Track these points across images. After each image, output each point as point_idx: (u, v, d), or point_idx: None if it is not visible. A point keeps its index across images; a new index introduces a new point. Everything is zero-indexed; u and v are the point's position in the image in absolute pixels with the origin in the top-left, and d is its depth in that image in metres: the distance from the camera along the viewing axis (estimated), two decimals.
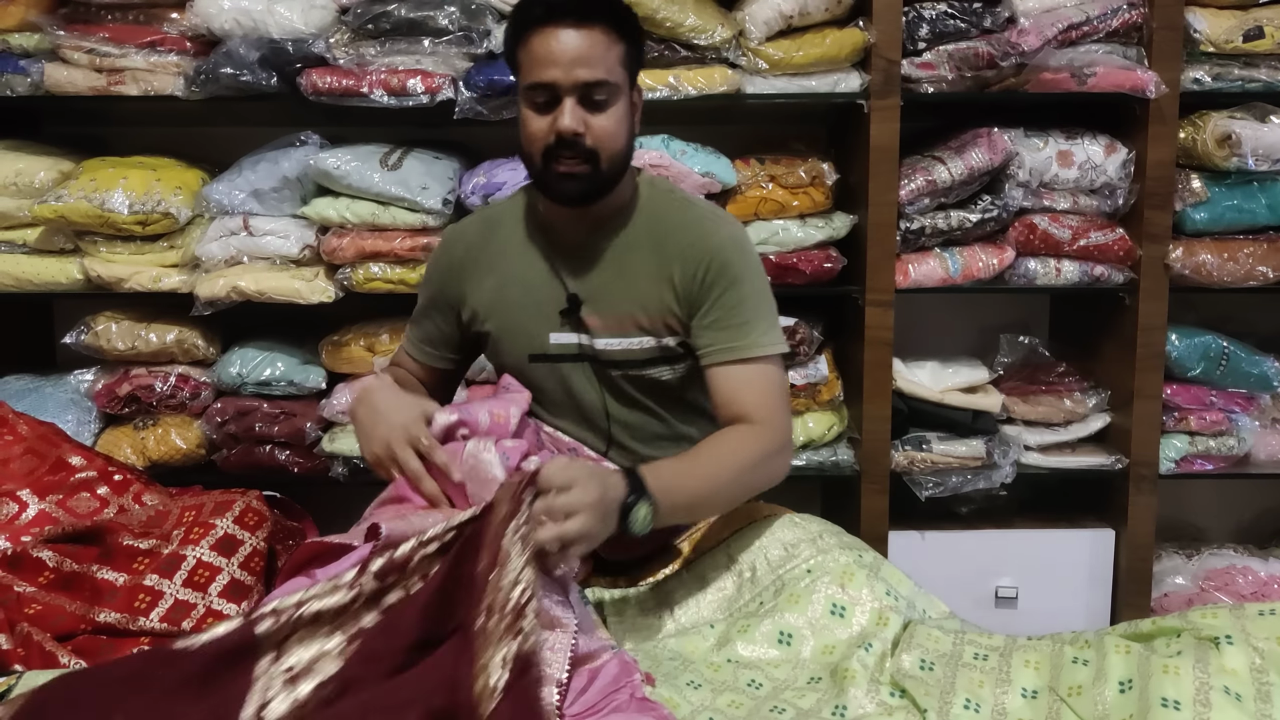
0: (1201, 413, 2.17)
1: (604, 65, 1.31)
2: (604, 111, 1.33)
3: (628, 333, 1.42)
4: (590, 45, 1.30)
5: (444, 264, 1.52)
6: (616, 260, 1.43)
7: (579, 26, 1.30)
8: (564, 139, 1.31)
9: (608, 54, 1.32)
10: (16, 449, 1.57)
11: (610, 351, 1.42)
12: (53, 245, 2.06)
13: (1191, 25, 2.04)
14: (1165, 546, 2.33)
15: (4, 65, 2.01)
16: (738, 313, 1.39)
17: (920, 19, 2.01)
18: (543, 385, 1.46)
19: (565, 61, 1.29)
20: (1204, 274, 2.10)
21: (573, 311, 1.42)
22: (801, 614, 1.22)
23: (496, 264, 1.48)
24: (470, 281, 1.49)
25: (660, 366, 1.44)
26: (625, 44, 1.35)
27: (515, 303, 1.46)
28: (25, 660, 1.26)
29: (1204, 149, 2.07)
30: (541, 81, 1.31)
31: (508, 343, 1.47)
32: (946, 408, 2.14)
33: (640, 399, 1.46)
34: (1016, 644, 1.16)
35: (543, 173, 1.36)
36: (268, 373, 2.05)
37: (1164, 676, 1.00)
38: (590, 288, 1.43)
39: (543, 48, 1.30)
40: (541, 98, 1.32)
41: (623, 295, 1.42)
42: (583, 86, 1.31)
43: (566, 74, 1.30)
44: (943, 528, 2.19)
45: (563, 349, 1.44)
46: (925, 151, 2.11)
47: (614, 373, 1.44)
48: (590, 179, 1.35)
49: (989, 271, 2.09)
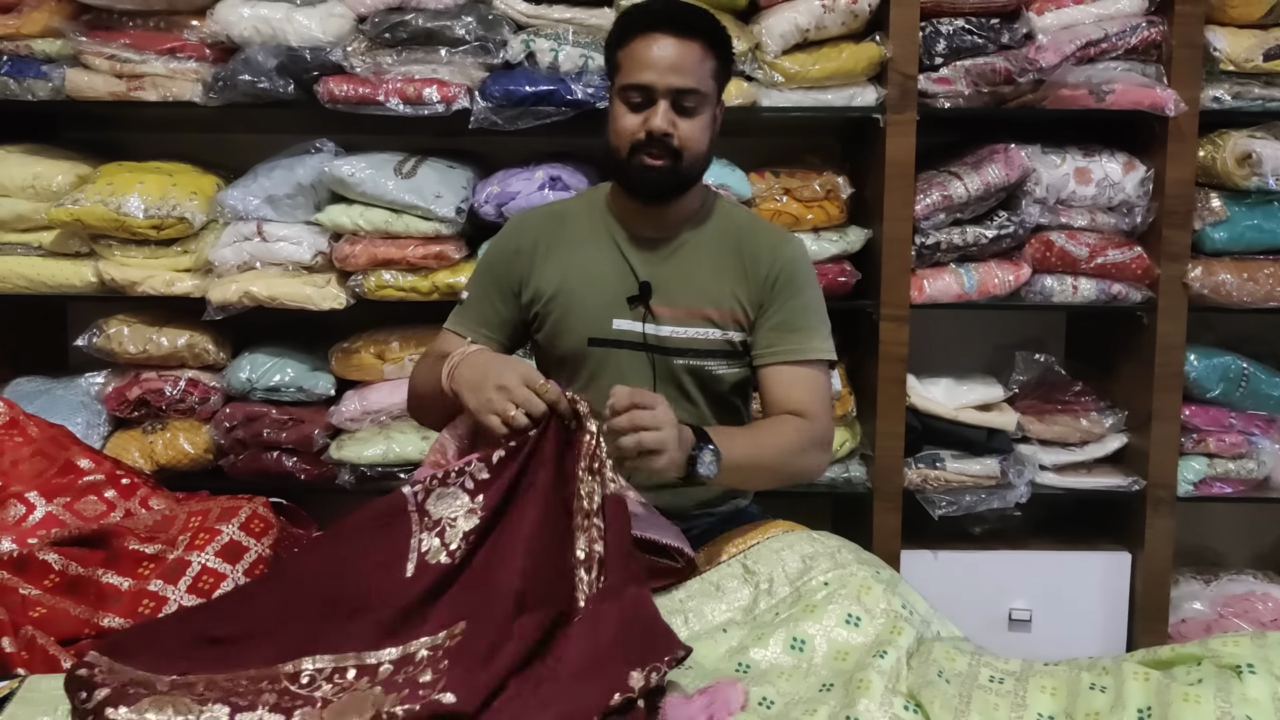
0: (1221, 434, 2.15)
1: (697, 75, 1.42)
2: (692, 118, 1.43)
3: (696, 323, 1.51)
4: (687, 55, 1.42)
5: (511, 247, 1.57)
6: (691, 255, 1.53)
7: (679, 37, 1.41)
8: (653, 136, 1.42)
9: (701, 66, 1.43)
10: (26, 451, 1.56)
11: (676, 339, 1.50)
12: (68, 248, 2.07)
13: (1211, 43, 2.03)
14: (1183, 571, 2.30)
15: (26, 70, 2.02)
16: (800, 318, 1.52)
17: (937, 34, 2.01)
18: (596, 372, 1.52)
19: (663, 67, 1.41)
20: (1223, 294, 2.07)
21: (643, 298, 1.50)
22: (816, 623, 1.20)
23: (564, 250, 1.54)
24: (536, 265, 1.54)
25: (719, 360, 1.52)
26: (717, 60, 1.46)
27: (581, 286, 1.52)
28: (28, 664, 1.25)
29: (1224, 168, 2.05)
30: (639, 83, 1.42)
31: (569, 324, 1.52)
32: (961, 425, 2.12)
33: (692, 393, 1.52)
34: (1033, 669, 1.13)
35: (627, 164, 1.45)
36: (277, 378, 2.05)
37: (1184, 705, 0.97)
38: (662, 278, 1.51)
39: (644, 52, 1.42)
40: (637, 97, 1.43)
41: (695, 288, 1.51)
42: (676, 92, 1.42)
43: (663, 78, 1.41)
44: (956, 548, 2.16)
45: (624, 335, 1.51)
46: (941, 167, 2.10)
47: (676, 361, 1.51)
48: (671, 173, 1.45)
49: (1005, 288, 2.08)
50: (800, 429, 1.47)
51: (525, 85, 1.94)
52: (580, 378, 1.53)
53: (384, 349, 2.06)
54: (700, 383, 1.53)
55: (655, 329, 1.50)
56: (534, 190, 1.98)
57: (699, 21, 1.45)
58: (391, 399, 2.04)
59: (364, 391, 2.07)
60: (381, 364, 2.06)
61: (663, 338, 1.51)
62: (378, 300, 2.03)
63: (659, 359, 1.51)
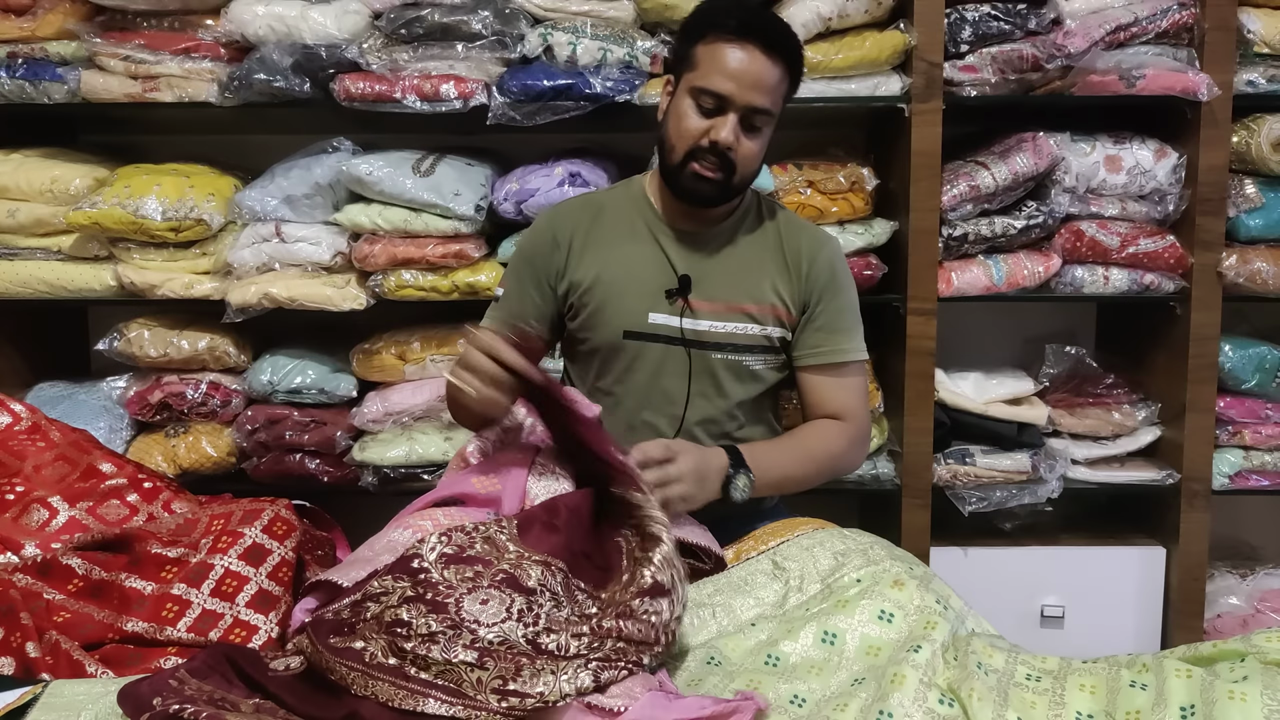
0: (1256, 426, 2.11)
1: (774, 97, 1.41)
2: (757, 136, 1.43)
3: (735, 318, 1.50)
4: (770, 75, 1.40)
5: (548, 238, 1.55)
6: (731, 250, 1.52)
7: (767, 54, 1.39)
8: (715, 147, 1.40)
9: (779, 87, 1.42)
10: (48, 455, 1.56)
11: (714, 334, 1.50)
12: (87, 252, 2.07)
13: (1245, 25, 1.98)
14: (1218, 565, 2.26)
15: (42, 73, 2.02)
16: (841, 319, 1.53)
17: (963, 21, 1.97)
18: (630, 365, 1.52)
19: (746, 82, 1.38)
20: (1259, 282, 2.03)
21: (681, 292, 1.49)
22: (849, 618, 1.19)
23: (602, 242, 1.53)
24: (574, 255, 1.53)
25: (757, 355, 1.52)
26: (790, 84, 1.45)
27: (619, 279, 1.51)
28: (53, 669, 1.24)
29: (1258, 153, 2.01)
30: (718, 91, 1.39)
31: (605, 317, 1.51)
32: (990, 420, 2.09)
33: (726, 388, 1.52)
34: (1071, 667, 1.11)
35: (680, 167, 1.44)
36: (298, 380, 2.04)
37: (1229, 703, 0.94)
38: (701, 272, 1.50)
39: (728, 59, 1.38)
40: (710, 103, 1.41)
41: (735, 283, 1.50)
42: (750, 110, 1.40)
43: (742, 94, 1.39)
44: (986, 544, 2.14)
45: (660, 329, 1.50)
46: (968, 156, 2.07)
47: (713, 356, 1.51)
48: (721, 186, 1.44)
49: (1034, 279, 2.04)
50: (843, 433, 1.52)
51: (543, 80, 1.92)
52: (614, 370, 1.53)
53: (405, 349, 2.05)
54: (736, 377, 1.52)
55: (693, 323, 1.50)
56: (553, 187, 1.96)
57: (787, 41, 1.43)
58: (414, 400, 2.03)
59: (386, 392, 2.06)
60: (403, 364, 2.05)
61: (700, 332, 1.50)
62: (398, 300, 2.01)
63: (696, 353, 1.50)
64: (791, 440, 1.51)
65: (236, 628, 1.29)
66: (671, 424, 1.52)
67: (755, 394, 1.55)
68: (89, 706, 1.05)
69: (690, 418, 1.52)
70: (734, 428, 1.55)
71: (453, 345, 2.05)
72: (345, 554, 1.52)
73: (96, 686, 1.10)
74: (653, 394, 1.52)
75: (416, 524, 1.26)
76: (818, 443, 1.50)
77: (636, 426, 1.53)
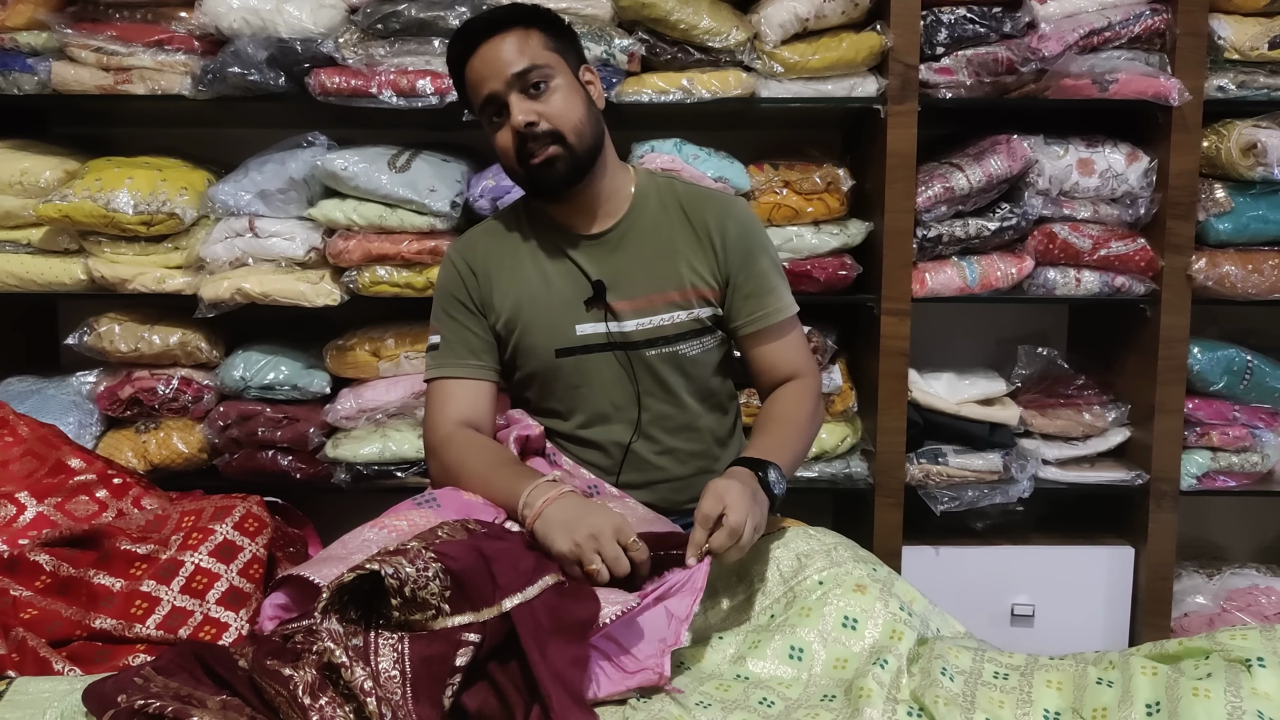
0: (1224, 428, 2.13)
1: (526, 54, 1.39)
2: (546, 94, 1.40)
3: (658, 310, 1.47)
4: (506, 45, 1.39)
5: (464, 271, 1.52)
6: (639, 242, 1.48)
7: (491, 37, 1.40)
8: (524, 133, 1.38)
9: (526, 44, 1.40)
10: (16, 451, 1.55)
11: (642, 331, 1.47)
12: (57, 245, 2.04)
13: (1216, 32, 2.00)
14: (1186, 565, 2.29)
15: (11, 63, 1.99)
16: (767, 279, 1.50)
17: (939, 23, 1.98)
18: (571, 382, 1.49)
19: (494, 69, 1.39)
20: (1228, 286, 2.06)
21: (599, 298, 1.46)
22: (813, 627, 1.19)
23: (512, 267, 1.50)
24: (492, 286, 1.50)
25: (691, 341, 1.50)
26: (542, 32, 1.43)
27: (536, 300, 1.48)
28: (19, 666, 1.23)
29: (1228, 158, 2.03)
30: (486, 95, 1.40)
31: (533, 341, 1.48)
32: (963, 420, 2.10)
33: (669, 382, 1.49)
34: (1038, 663, 1.12)
35: (527, 174, 1.42)
36: (271, 376, 2.03)
37: (1194, 700, 0.96)
38: (614, 272, 1.47)
39: (474, 70, 1.41)
40: (494, 110, 1.41)
41: (650, 274, 1.47)
42: (514, 79, 1.38)
43: (498, 76, 1.38)
44: (958, 543, 2.15)
45: (589, 339, 1.47)
46: (943, 158, 2.08)
47: (648, 353, 1.48)
48: (567, 159, 1.40)
49: (1007, 281, 2.06)
50: (806, 392, 1.51)
51: None
52: (557, 390, 1.50)
53: (379, 346, 2.04)
54: (679, 370, 1.50)
55: (619, 326, 1.47)
56: None
57: (504, 14, 1.43)
58: (387, 396, 2.02)
59: (359, 389, 2.05)
60: (377, 361, 2.03)
61: (628, 333, 1.47)
62: (372, 296, 2.00)
63: (631, 355, 1.47)
64: (777, 421, 1.47)
65: (207, 625, 1.28)
66: (627, 429, 1.50)
67: (701, 381, 1.52)
68: (54, 704, 1.04)
69: (644, 419, 1.49)
70: (690, 418, 1.52)
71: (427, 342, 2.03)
72: (317, 551, 1.52)
73: (62, 684, 1.10)
74: (602, 404, 1.49)
75: (392, 524, 1.26)
76: (797, 410, 1.48)
77: (594, 439, 1.51)
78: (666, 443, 1.51)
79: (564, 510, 1.24)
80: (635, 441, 1.50)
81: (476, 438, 1.44)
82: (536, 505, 1.25)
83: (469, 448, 1.42)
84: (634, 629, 1.14)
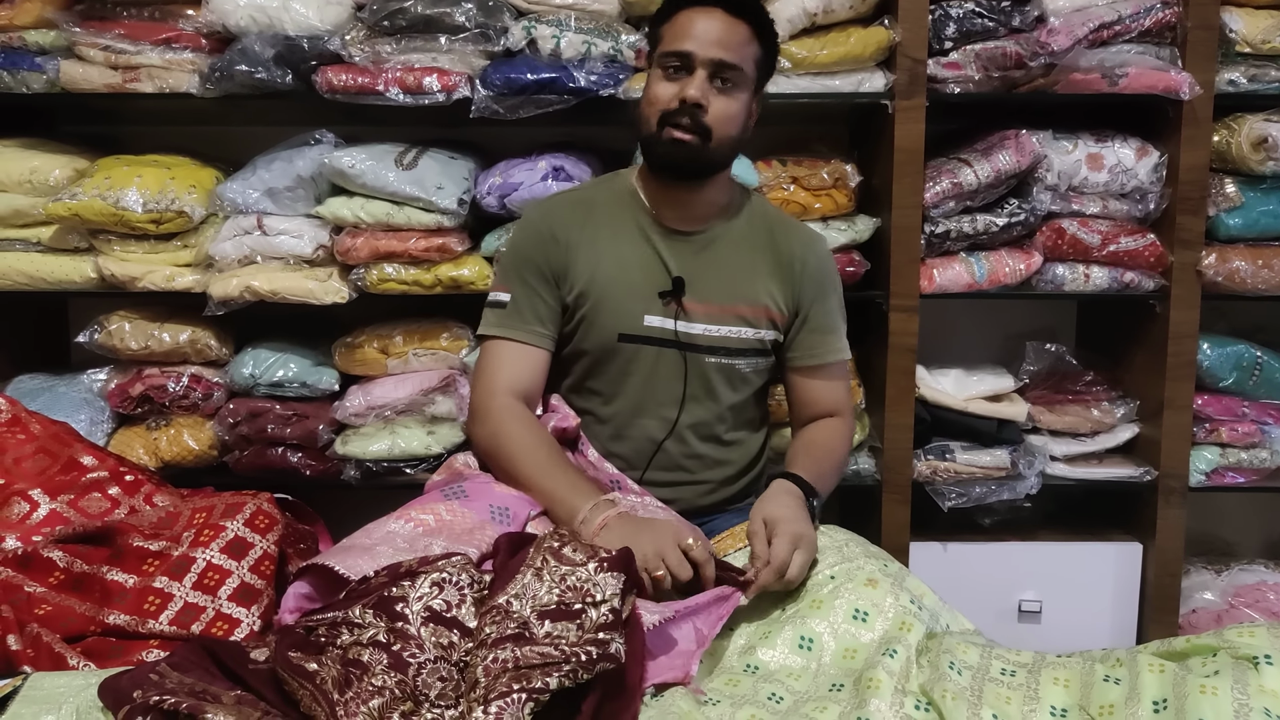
0: (1233, 424, 2.13)
1: (740, 54, 1.40)
2: (728, 95, 1.41)
3: (728, 321, 1.50)
4: (733, 33, 1.40)
5: (545, 234, 1.51)
6: (724, 250, 1.50)
7: (729, 14, 1.40)
8: (685, 105, 1.38)
9: (745, 47, 1.41)
10: (28, 448, 1.55)
11: (708, 337, 1.49)
12: (66, 244, 2.05)
13: (1227, 25, 1.99)
14: (1194, 561, 2.29)
15: (20, 62, 2.00)
16: (832, 319, 1.56)
17: (947, 18, 1.98)
18: (624, 368, 1.50)
19: (707, 39, 1.38)
20: (1237, 281, 2.05)
21: (675, 294, 1.47)
22: (823, 619, 1.20)
23: (595, 240, 1.50)
24: (571, 255, 1.50)
25: (748, 359, 1.53)
26: (761, 49, 1.44)
27: (612, 280, 1.48)
28: (34, 661, 1.24)
29: (1239, 152, 2.03)
30: (680, 50, 1.39)
31: (601, 320, 1.49)
32: (971, 416, 2.10)
33: (718, 391, 1.51)
34: (1045, 660, 1.12)
35: (656, 136, 1.42)
36: (280, 374, 2.03)
37: (1201, 697, 0.96)
38: (695, 273, 1.48)
39: (689, 23, 1.40)
40: (675, 64, 1.40)
41: (728, 284, 1.49)
42: (716, 64, 1.39)
43: (704, 49, 1.38)
44: (965, 539, 2.15)
45: (654, 331, 1.48)
46: (951, 153, 2.08)
47: (707, 359, 1.49)
48: (697, 152, 1.41)
49: (1016, 277, 2.05)
50: (845, 430, 1.58)
51: (527, 73, 1.92)
52: (608, 372, 1.51)
53: (387, 343, 2.05)
54: (727, 381, 1.52)
55: (687, 326, 1.48)
56: (536, 181, 1.95)
57: (751, 4, 1.44)
58: (396, 393, 2.03)
59: (368, 386, 2.05)
60: (385, 358, 2.04)
61: (694, 335, 1.49)
62: (380, 294, 2.00)
63: (690, 356, 1.49)
64: (815, 449, 1.54)
65: (219, 621, 1.29)
66: (663, 427, 1.51)
67: (743, 397, 1.55)
68: (70, 699, 1.05)
69: (684, 421, 1.51)
70: (723, 430, 1.55)
71: (435, 339, 2.04)
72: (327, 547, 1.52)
73: (77, 679, 1.10)
74: (646, 397, 1.50)
75: (418, 517, 1.27)
76: (836, 444, 1.56)
77: (628, 429, 1.52)
78: (697, 448, 1.53)
79: (624, 525, 1.26)
80: (668, 440, 1.51)
81: (531, 423, 1.44)
82: (596, 523, 1.27)
83: (524, 436, 1.41)
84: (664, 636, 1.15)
